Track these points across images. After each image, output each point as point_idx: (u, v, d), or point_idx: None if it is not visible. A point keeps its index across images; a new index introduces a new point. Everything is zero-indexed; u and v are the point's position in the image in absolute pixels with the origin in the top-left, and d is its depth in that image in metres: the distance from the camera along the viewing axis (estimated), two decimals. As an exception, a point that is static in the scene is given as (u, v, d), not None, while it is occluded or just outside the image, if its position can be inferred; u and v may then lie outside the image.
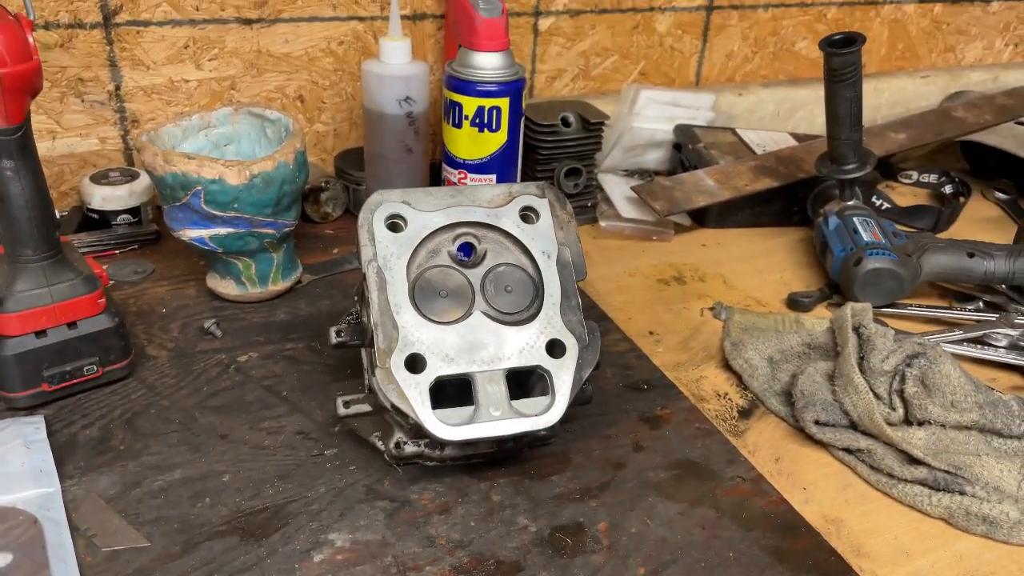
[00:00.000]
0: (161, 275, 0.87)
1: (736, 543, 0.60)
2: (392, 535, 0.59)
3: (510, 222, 0.63)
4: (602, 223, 1.02)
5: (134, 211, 0.91)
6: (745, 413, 0.74)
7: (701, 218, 1.05)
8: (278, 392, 0.71)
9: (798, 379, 0.72)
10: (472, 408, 0.59)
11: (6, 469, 0.59)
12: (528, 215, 0.64)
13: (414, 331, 0.59)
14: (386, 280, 0.60)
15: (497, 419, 0.58)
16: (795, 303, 0.90)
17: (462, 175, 0.86)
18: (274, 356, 0.76)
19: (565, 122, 1.01)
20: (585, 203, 1.05)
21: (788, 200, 1.05)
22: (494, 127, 0.83)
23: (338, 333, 0.64)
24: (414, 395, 0.57)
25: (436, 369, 0.58)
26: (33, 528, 0.56)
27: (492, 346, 0.60)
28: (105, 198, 0.89)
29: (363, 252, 0.61)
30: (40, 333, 0.65)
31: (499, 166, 0.85)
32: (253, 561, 0.56)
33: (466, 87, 0.82)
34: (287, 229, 0.79)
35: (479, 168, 0.85)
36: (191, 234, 0.76)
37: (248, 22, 0.95)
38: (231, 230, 0.75)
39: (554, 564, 0.57)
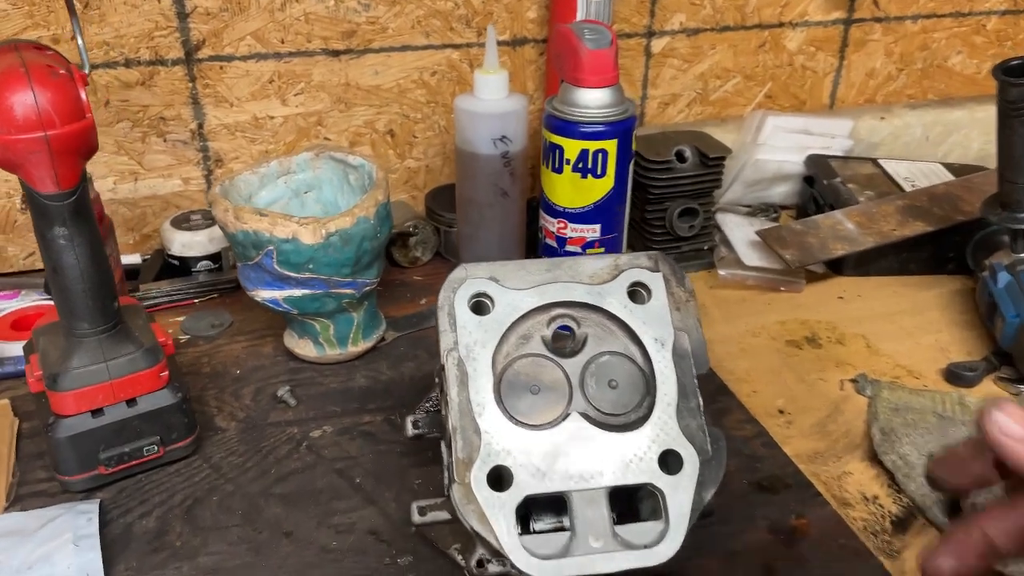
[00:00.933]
0: (239, 329, 0.81)
1: None
2: None
3: (616, 302, 0.53)
4: (721, 271, 0.91)
5: (215, 257, 0.86)
6: (900, 525, 0.61)
7: (837, 265, 0.91)
8: (351, 478, 0.64)
9: (971, 490, 0.59)
10: (567, 536, 0.49)
11: (53, 570, 0.54)
12: (638, 292, 0.54)
13: (499, 438, 0.49)
14: (468, 374, 0.51)
15: (598, 551, 0.48)
16: (956, 377, 0.76)
17: (562, 225, 0.76)
18: (350, 431, 0.68)
19: (680, 157, 0.89)
20: (701, 246, 0.93)
21: (942, 245, 0.90)
22: (599, 172, 0.73)
23: (415, 424, 0.56)
24: (497, 518, 0.48)
25: (525, 486, 0.49)
26: (72, 649, 0.50)
27: (592, 457, 0.50)
28: (185, 244, 0.85)
29: (442, 339, 0.52)
30: (97, 412, 0.60)
31: (604, 215, 0.75)
32: None
33: (568, 128, 0.72)
34: (368, 288, 0.71)
35: (581, 218, 0.75)
36: (264, 295, 0.69)
37: (336, 54, 0.88)
38: (306, 292, 0.68)
39: None
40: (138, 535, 0.58)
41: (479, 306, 0.52)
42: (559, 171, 0.74)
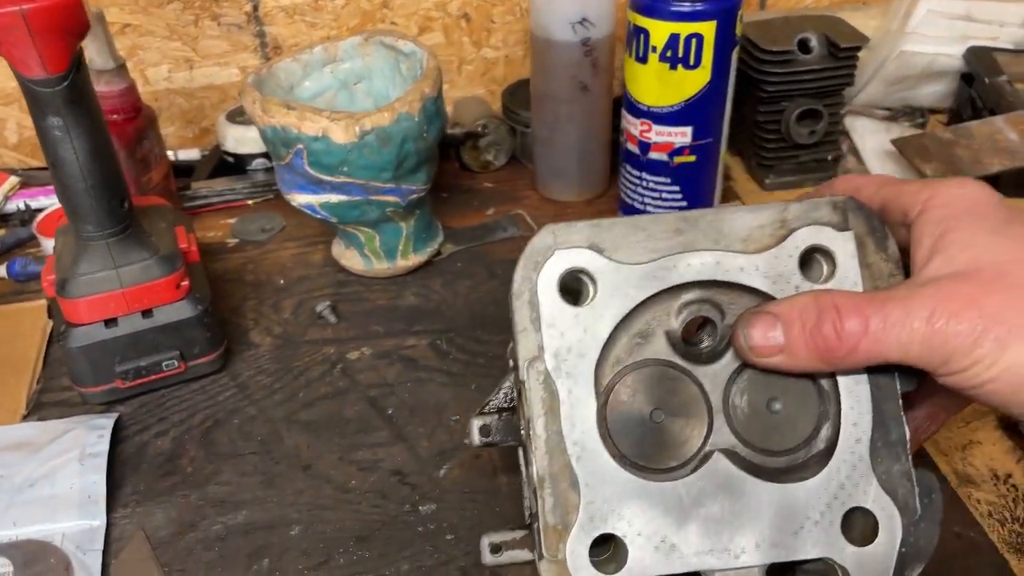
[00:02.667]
0: (290, 234, 0.75)
1: None
2: (481, 657, 0.43)
3: (783, 280, 0.36)
4: (844, 187, 0.76)
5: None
6: (1039, 514, 0.49)
7: (993, 184, 0.75)
8: (383, 409, 0.57)
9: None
10: None
11: (54, 490, 0.50)
12: (815, 263, 0.37)
13: (608, 493, 0.35)
14: (559, 397, 0.36)
15: None
16: None
17: (645, 127, 0.64)
18: (390, 355, 0.61)
19: (804, 47, 0.74)
20: (823, 156, 0.79)
21: None
22: (692, 63, 0.60)
23: (484, 431, 0.40)
24: None
25: (647, 565, 0.35)
26: (62, 577, 0.46)
27: (745, 518, 0.35)
28: (238, 139, 0.78)
29: (520, 343, 0.36)
30: (110, 322, 0.55)
31: (697, 115, 0.63)
32: (297, 669, 0.43)
33: (654, 6, 0.59)
34: (415, 196, 0.63)
35: (669, 118, 0.63)
36: (300, 200, 0.62)
37: (402, -77, 0.77)
38: (343, 198, 0.60)
39: None
40: (151, 456, 0.54)
41: (575, 291, 0.37)
42: (643, 60, 0.61)
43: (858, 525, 0.36)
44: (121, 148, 0.66)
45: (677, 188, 0.66)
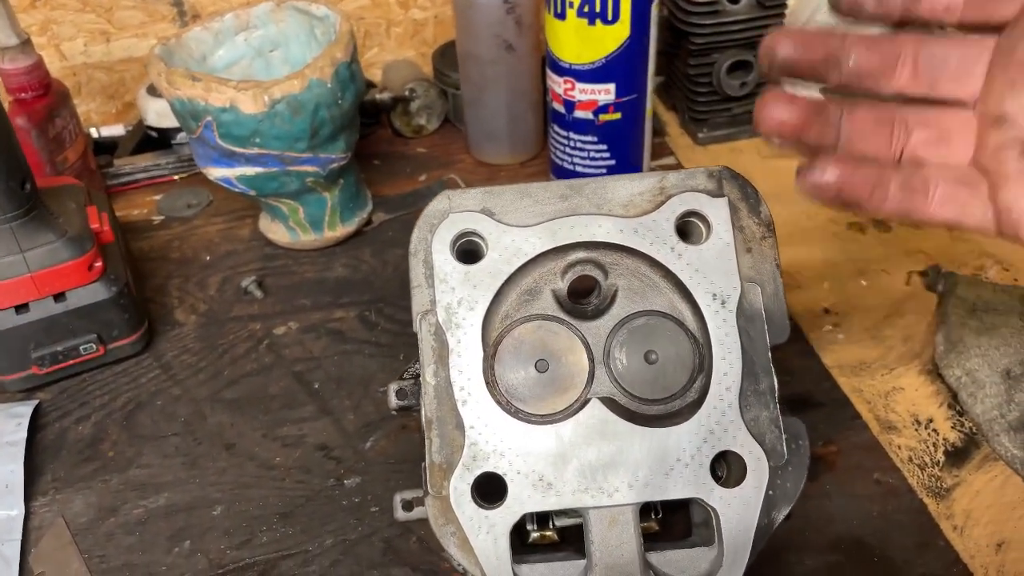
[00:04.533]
0: (217, 209, 0.73)
1: None
2: (403, 626, 0.43)
3: (659, 241, 0.39)
4: (776, 139, 0.76)
5: (196, 128, 0.77)
6: (956, 455, 0.50)
7: (924, 129, 0.75)
8: (308, 384, 0.56)
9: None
10: (581, 566, 0.38)
11: (-32, 482, 0.49)
12: (692, 226, 0.40)
13: (490, 434, 0.37)
14: (449, 347, 0.38)
15: None
16: (1059, 271, 0.61)
17: (568, 85, 0.63)
18: (317, 328, 0.61)
19: (732, -3, 0.73)
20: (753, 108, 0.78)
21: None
22: (610, 17, 0.59)
23: (401, 394, 0.41)
24: (485, 544, 0.37)
25: (523, 502, 0.37)
26: (-22, 569, 0.46)
27: (618, 461, 0.37)
28: (160, 113, 0.76)
29: (415, 298, 0.39)
30: (21, 308, 0.53)
31: (619, 71, 0.62)
32: (217, 649, 0.42)
33: (569, -39, 0.58)
34: (336, 165, 0.61)
35: (591, 75, 0.62)
36: (216, 173, 0.60)
37: None
38: (260, 169, 0.59)
39: None
40: (71, 442, 0.53)
41: (467, 251, 0.39)
42: (562, 16, 0.60)
43: (728, 468, 0.38)
44: (31, 127, 0.64)
45: (604, 147, 0.65)
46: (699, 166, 0.40)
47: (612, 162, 0.66)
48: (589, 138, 0.65)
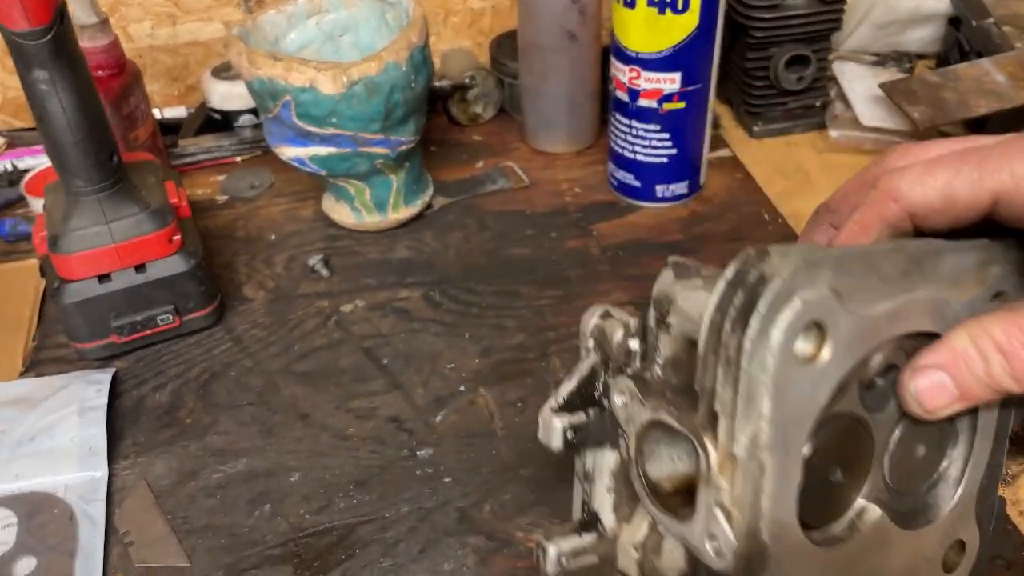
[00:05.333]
0: (279, 190, 0.74)
1: None
2: (481, 592, 0.44)
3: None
4: (832, 132, 0.76)
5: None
6: (1021, 444, 0.50)
7: (979, 127, 0.75)
8: (378, 359, 0.58)
9: None
10: None
11: (54, 443, 0.51)
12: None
13: (795, 573, 0.30)
14: (765, 472, 0.28)
15: None
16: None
17: (634, 73, 0.64)
18: (383, 307, 0.62)
19: (791, -8, 0.74)
20: (811, 102, 0.79)
21: (1122, 103, 0.72)
22: (680, 7, 0.60)
23: (574, 431, 0.35)
24: None
25: None
26: (67, 527, 0.47)
27: (883, 570, 0.32)
28: (224, 95, 0.78)
29: (742, 417, 0.27)
30: (103, 277, 0.55)
31: (686, 61, 0.63)
32: (301, 608, 0.44)
33: (642, -49, 0.59)
34: (404, 147, 0.63)
35: (657, 64, 0.63)
36: (288, 153, 0.62)
37: None
38: (333, 150, 0.60)
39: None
40: (149, 409, 0.55)
41: (810, 347, 0.28)
42: (631, 5, 0.61)
43: (948, 554, 0.35)
44: (107, 104, 0.65)
45: (667, 136, 0.66)
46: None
47: (674, 151, 0.67)
48: (652, 127, 0.66)
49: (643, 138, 0.67)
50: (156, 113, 0.81)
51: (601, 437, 0.35)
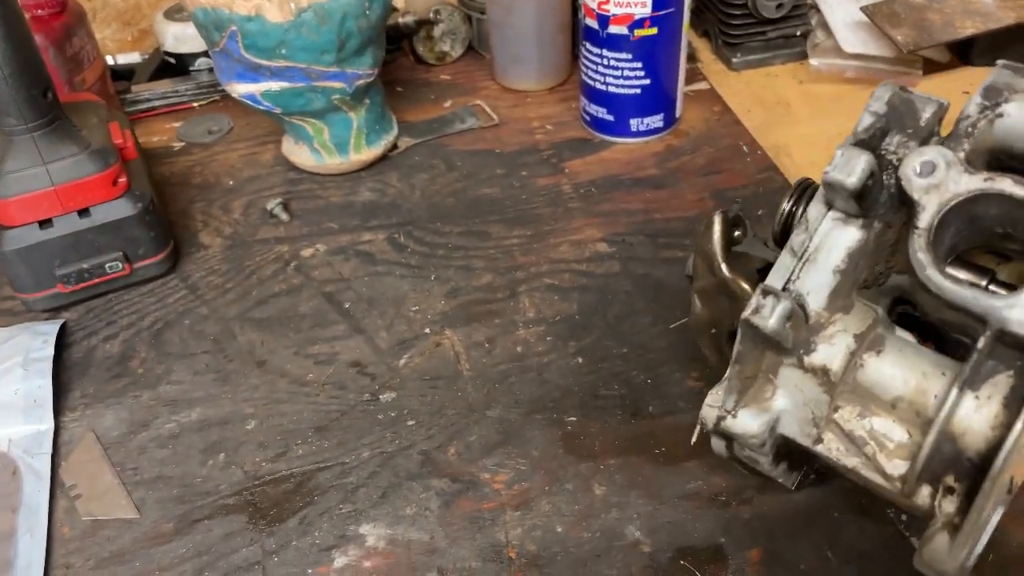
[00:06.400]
0: (238, 135, 0.71)
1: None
2: (444, 536, 0.42)
3: None
4: (813, 61, 0.73)
5: (215, 54, 0.75)
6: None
7: (965, 50, 0.72)
8: (339, 304, 0.55)
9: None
10: None
11: (-3, 397, 0.48)
12: None
13: None
14: None
15: None
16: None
17: (604, -1, 0.61)
18: (346, 250, 0.59)
19: (769, -87, 0.70)
20: (791, 31, 0.76)
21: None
22: (649, -77, 0.56)
23: (870, 175, 0.32)
24: None
25: None
26: (10, 482, 0.45)
27: None
28: (177, 37, 0.74)
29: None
30: (45, 223, 0.52)
31: (657, -17, 0.59)
32: (256, 557, 0.41)
33: None
34: (362, 82, 0.59)
35: (627, -12, 0.59)
36: (240, 89, 0.58)
37: None
38: (285, 84, 0.57)
39: (670, 613, 0.38)
40: (99, 360, 0.52)
41: None
42: (598, -75, 0.58)
43: None
44: (49, 44, 0.62)
45: (639, 64, 0.63)
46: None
47: (647, 81, 0.64)
48: (623, 55, 0.63)
49: (615, 68, 0.64)
50: (109, 60, 0.78)
51: (871, 205, 0.33)
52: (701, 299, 0.42)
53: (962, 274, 0.35)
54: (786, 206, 0.38)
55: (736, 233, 0.41)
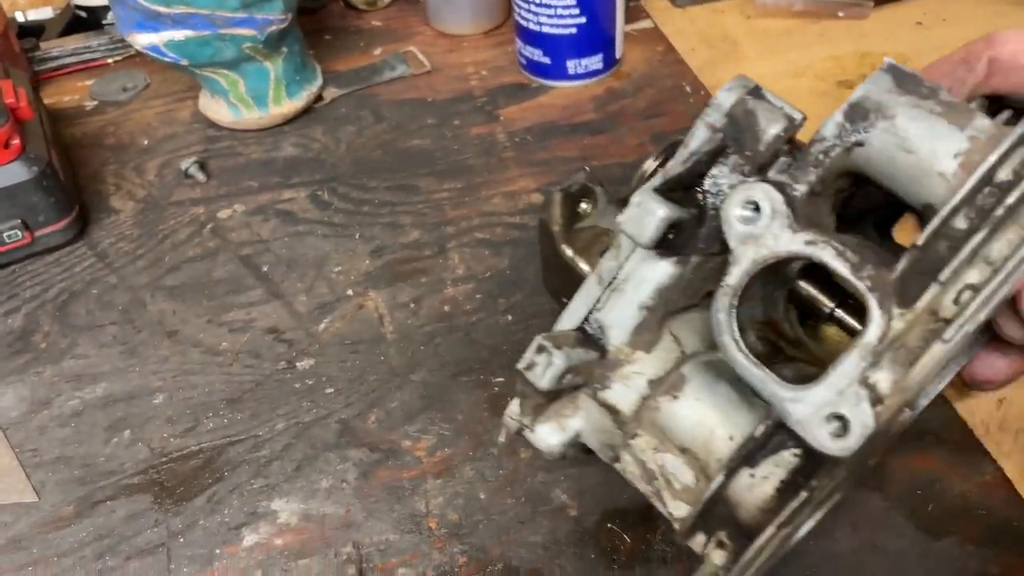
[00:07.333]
0: (155, 91, 0.67)
1: (911, 561, 0.36)
2: (361, 509, 0.40)
3: None
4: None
5: (129, 5, 0.71)
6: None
7: (919, -19, 0.69)
8: (257, 267, 0.52)
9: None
10: None
11: None
12: None
13: None
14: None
15: None
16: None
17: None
18: (265, 210, 0.56)
19: None
20: (740, -34, 0.72)
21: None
22: None
23: (673, 228, 0.29)
24: None
25: None
26: (-102, 468, 0.42)
27: None
28: (87, -10, 0.69)
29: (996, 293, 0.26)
30: (-69, 191, 0.49)
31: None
32: (160, 539, 0.39)
33: None
34: (275, 28, 0.55)
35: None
36: (142, 40, 0.54)
37: None
38: (189, 33, 0.53)
39: (596, 580, 0.37)
40: (0, 335, 0.49)
41: None
42: None
43: None
44: (-65, 0, 0.58)
45: (573, 1, 0.59)
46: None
47: (583, 20, 0.60)
48: (555, -7, 0.59)
49: (547, 6, 0.60)
50: (19, 16, 0.73)
51: (686, 242, 0.29)
52: (547, 269, 0.39)
53: (814, 290, 0.32)
54: (648, 167, 0.34)
55: (583, 206, 0.37)
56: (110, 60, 0.70)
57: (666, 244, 0.29)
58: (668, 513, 0.31)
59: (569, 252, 0.37)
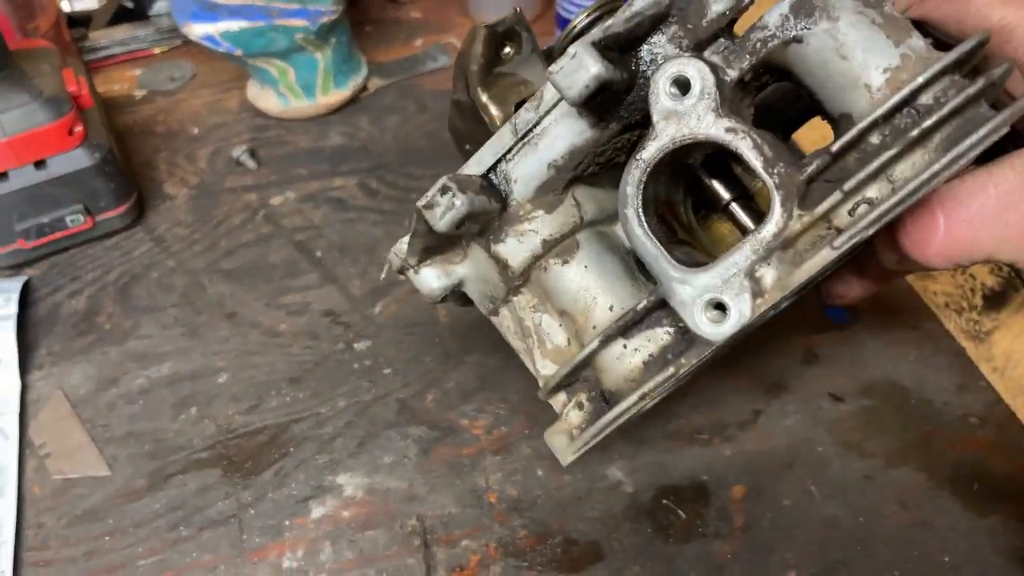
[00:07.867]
0: (202, 81, 0.69)
1: (958, 538, 0.37)
2: (424, 483, 0.41)
3: None
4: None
5: (174, -3, 0.72)
6: (994, 300, 0.47)
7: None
8: (310, 252, 0.54)
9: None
10: None
11: (-41, 357, 0.47)
12: None
13: None
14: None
15: None
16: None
17: (576, -76, 0.58)
18: (316, 197, 0.57)
19: None
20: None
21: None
22: None
23: (600, 86, 0.27)
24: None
25: None
26: (-23, 443, 0.44)
27: None
28: (134, -20, 0.71)
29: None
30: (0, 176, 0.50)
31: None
32: (231, 510, 0.41)
33: None
34: (326, 19, 0.57)
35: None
36: (198, 31, 0.56)
37: None
38: (244, 23, 0.55)
39: (653, 552, 0.38)
40: (65, 316, 0.51)
41: None
42: None
43: None
44: (-5, -10, 0.59)
45: (614, -5, 0.60)
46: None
47: (623, 12, 0.61)
48: (598, -15, 0.60)
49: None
50: (65, 6, 0.75)
51: (610, 108, 0.29)
52: (458, 112, 0.38)
53: (715, 181, 0.32)
54: (579, 21, 0.33)
55: (506, 50, 0.36)
56: (156, 50, 0.71)
57: (591, 105, 0.28)
58: (535, 370, 0.33)
59: (484, 97, 0.36)
